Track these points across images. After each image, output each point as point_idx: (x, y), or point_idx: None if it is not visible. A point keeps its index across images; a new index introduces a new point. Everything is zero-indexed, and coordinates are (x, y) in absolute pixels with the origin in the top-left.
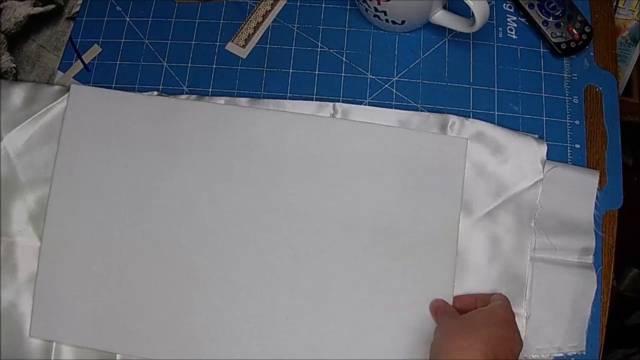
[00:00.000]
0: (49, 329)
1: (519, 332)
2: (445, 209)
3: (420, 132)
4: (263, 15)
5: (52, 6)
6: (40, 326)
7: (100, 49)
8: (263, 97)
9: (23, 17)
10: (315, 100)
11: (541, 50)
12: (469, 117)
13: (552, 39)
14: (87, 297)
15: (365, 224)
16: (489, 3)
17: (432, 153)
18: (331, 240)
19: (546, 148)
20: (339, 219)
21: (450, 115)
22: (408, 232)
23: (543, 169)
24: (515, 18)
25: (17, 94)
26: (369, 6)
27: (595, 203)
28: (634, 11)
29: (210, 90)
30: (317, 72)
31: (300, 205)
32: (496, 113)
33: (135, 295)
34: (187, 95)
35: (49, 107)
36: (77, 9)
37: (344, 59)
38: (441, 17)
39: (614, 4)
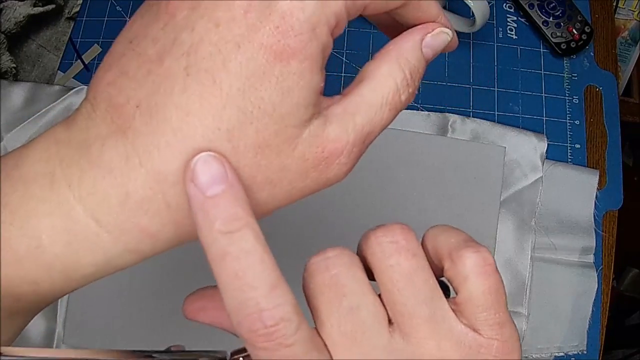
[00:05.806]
0: (83, 335)
1: None
2: (483, 217)
3: (459, 140)
4: None
5: (52, 6)
6: (73, 333)
7: (100, 49)
8: None
9: (23, 17)
10: None
11: (541, 50)
12: (469, 117)
13: (552, 39)
14: (116, 301)
15: None
16: (489, 3)
17: (470, 161)
18: None
19: (546, 144)
20: (376, 224)
21: (450, 114)
22: None
23: (543, 164)
24: (515, 18)
25: (17, 94)
26: None
27: (595, 203)
28: (634, 11)
29: None
30: None
31: (338, 211)
32: (496, 113)
33: (166, 302)
34: None
35: (49, 107)
36: (77, 9)
37: (344, 59)
38: None
39: (614, 4)
